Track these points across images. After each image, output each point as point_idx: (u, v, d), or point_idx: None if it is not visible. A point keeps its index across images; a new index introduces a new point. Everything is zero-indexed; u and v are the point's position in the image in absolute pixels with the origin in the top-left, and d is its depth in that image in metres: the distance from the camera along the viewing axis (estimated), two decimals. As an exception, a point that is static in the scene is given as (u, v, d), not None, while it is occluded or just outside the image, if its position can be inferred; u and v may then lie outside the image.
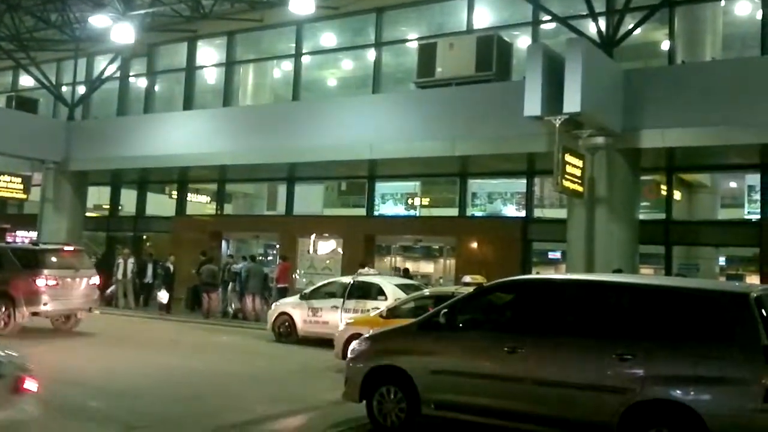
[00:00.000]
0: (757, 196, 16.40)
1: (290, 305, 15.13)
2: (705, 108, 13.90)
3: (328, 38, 22.62)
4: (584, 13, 15.50)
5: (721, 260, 19.00)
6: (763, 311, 5.95)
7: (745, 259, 18.57)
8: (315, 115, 19.23)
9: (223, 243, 23.44)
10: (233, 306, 19.51)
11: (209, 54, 24.27)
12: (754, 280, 16.66)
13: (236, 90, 23.80)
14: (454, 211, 19.90)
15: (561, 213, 16.05)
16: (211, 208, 24.86)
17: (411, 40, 20.69)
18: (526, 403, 6.57)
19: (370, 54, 21.17)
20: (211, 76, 24.66)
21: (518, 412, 6.62)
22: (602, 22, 15.58)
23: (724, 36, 17.50)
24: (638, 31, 15.80)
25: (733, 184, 18.98)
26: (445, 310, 7.28)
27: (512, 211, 19.47)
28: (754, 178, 16.66)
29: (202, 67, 24.20)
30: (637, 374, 6.07)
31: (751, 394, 5.63)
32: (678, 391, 5.90)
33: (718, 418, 5.71)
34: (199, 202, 25.47)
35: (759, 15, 15.89)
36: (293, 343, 14.48)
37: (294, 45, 22.05)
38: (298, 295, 15.54)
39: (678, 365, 5.98)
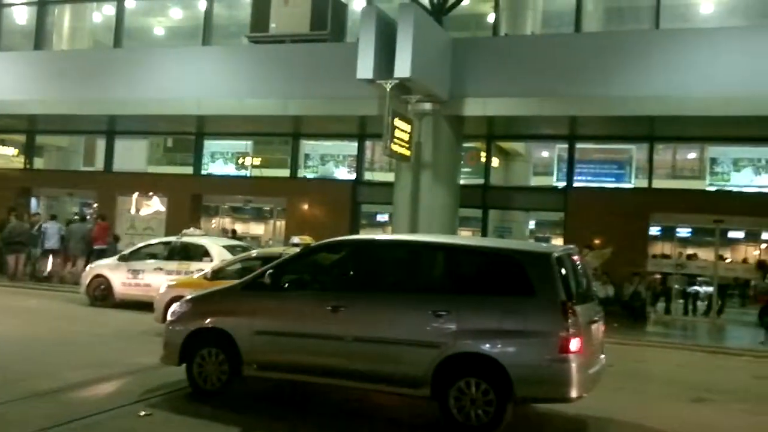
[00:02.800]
0: (565, 166, 17.76)
1: (107, 267, 14.31)
2: (523, 80, 14.78)
3: (155, -17, 21.29)
4: (418, -20, 15.72)
5: (532, 224, 20.52)
6: (563, 270, 6.48)
7: (553, 223, 20.22)
8: (139, 64, 18.10)
9: (33, 200, 21.59)
10: (48, 268, 18.09)
11: (19, -10, 21.95)
12: (559, 242, 18.20)
13: (50, 33, 21.74)
14: (286, 172, 19.73)
15: (389, 176, 16.43)
16: (19, 162, 22.70)
17: (241, -8, 19.99)
18: (346, 360, 6.72)
19: (201, 4, 20.18)
20: (20, 15, 22.33)
21: (339, 369, 6.76)
22: (434, -10, 15.94)
23: (543, 12, 18.63)
24: (467, 1, 16.36)
25: (544, 154, 20.44)
26: (270, 271, 7.21)
27: (344, 173, 19.64)
28: (563, 148, 18.03)
29: (10, 5, 21.82)
30: (450, 329, 6.39)
31: (549, 345, 6.12)
32: (485, 345, 6.28)
33: (520, 368, 6.16)
34: (5, 155, 23.13)
35: (574, -5, 17.01)
36: (110, 307, 13.74)
37: (116, -13, 20.52)
38: (116, 257, 14.71)
39: (486, 320, 6.36)
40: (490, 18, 17.90)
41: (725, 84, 13.49)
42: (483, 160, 18.33)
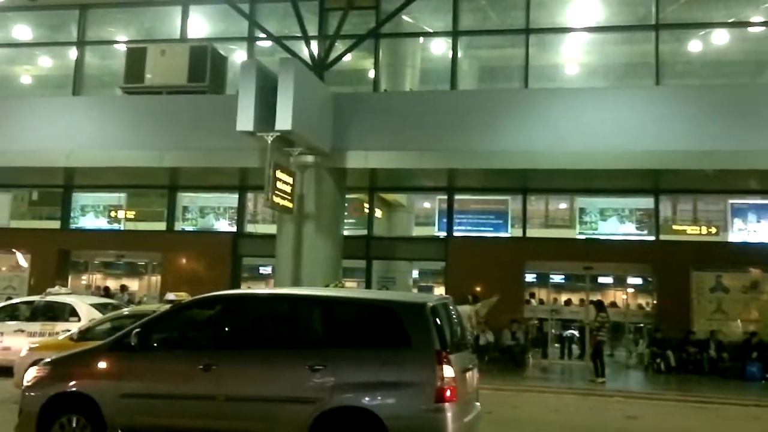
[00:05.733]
0: (445, 216, 18.21)
1: (-40, 332, 13.10)
2: (403, 134, 15.17)
3: (22, 31, 20.34)
4: (298, 35, 15.95)
5: (415, 273, 20.79)
6: (438, 319, 6.51)
7: (435, 272, 20.57)
8: (3, 115, 17.07)
9: None
10: None
11: None
12: (441, 290, 18.50)
13: None
14: (162, 226, 19.07)
15: (272, 229, 16.23)
16: None
17: (119, 42, 19.52)
18: (219, 420, 6.43)
19: (72, 53, 19.50)
20: None
21: (211, 430, 6.46)
22: (315, 46, 16.20)
23: (421, 70, 19.30)
24: (348, 57, 16.73)
25: (426, 204, 20.89)
26: (137, 330, 6.87)
27: (224, 226, 19.20)
28: (443, 200, 18.50)
29: None
30: (327, 383, 6.25)
31: (425, 395, 6.08)
32: (362, 398, 6.18)
33: (396, 419, 6.08)
34: None
35: (450, 54, 17.79)
36: (-37, 375, 12.52)
37: (-22, 35, 19.50)
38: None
39: (364, 373, 6.28)
40: (371, 74, 18.34)
41: (590, 140, 14.42)
42: (366, 211, 18.51)
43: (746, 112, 14.29)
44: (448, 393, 6.04)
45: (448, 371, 6.09)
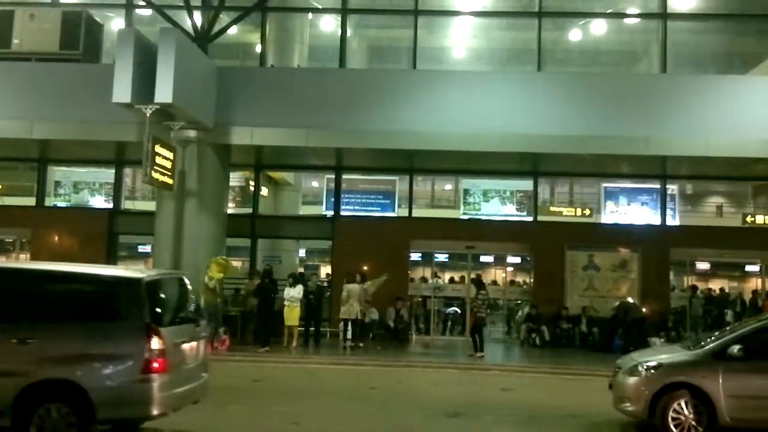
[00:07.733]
0: (333, 195, 18.16)
1: None
2: (289, 111, 14.91)
3: None
4: (180, 5, 15.32)
5: (302, 252, 20.66)
6: (155, 294, 6.75)
7: (322, 251, 20.54)
8: None
9: None
10: None
11: None
12: (327, 269, 18.50)
13: None
14: (31, 201, 17.99)
15: (151, 205, 15.63)
16: None
17: (-18, 3, 18.00)
18: None
19: (-73, 11, 17.77)
20: None
21: None
22: (198, 17, 15.59)
23: (310, 46, 19.04)
24: (234, 30, 16.25)
25: (314, 183, 20.77)
26: None
27: (100, 202, 18.32)
28: (331, 179, 18.43)
29: None
30: (35, 356, 6.33)
31: (132, 366, 6.32)
32: (68, 370, 6.31)
33: (101, 391, 6.26)
34: None
35: (339, 32, 17.63)
36: None
37: None
38: None
39: (74, 346, 6.41)
40: (258, 48, 17.91)
41: (474, 122, 14.71)
42: (252, 189, 18.13)
43: (620, 99, 15.02)
44: (155, 365, 6.31)
45: (155, 344, 6.33)
